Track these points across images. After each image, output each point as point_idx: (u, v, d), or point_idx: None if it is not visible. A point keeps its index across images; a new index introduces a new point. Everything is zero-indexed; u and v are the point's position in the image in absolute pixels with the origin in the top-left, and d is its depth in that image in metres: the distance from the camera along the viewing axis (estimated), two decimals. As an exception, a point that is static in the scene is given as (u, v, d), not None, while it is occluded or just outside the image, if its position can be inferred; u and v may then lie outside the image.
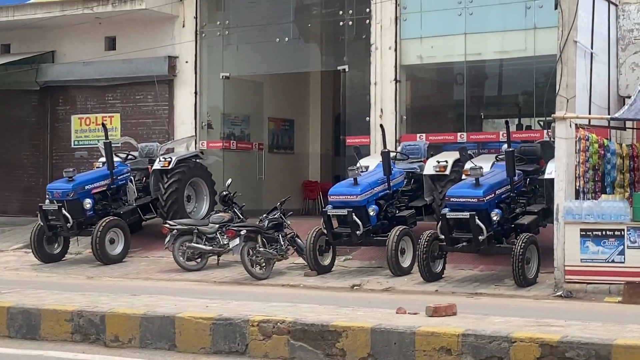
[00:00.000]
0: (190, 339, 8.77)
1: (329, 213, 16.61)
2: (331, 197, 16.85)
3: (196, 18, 22.02)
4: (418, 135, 19.41)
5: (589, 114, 14.91)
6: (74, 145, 23.55)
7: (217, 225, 17.62)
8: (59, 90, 23.96)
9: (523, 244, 14.62)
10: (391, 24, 19.70)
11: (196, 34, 22.05)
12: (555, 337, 7.42)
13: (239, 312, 8.89)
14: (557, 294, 14.07)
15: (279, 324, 8.39)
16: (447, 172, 17.12)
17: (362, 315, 8.82)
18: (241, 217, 17.95)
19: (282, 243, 17.07)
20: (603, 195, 14.56)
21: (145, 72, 22.40)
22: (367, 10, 20.03)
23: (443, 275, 15.73)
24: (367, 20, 20.07)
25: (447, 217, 15.14)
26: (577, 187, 14.35)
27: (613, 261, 13.84)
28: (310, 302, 11.69)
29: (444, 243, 15.45)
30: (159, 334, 8.94)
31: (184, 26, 22.07)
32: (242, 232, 16.69)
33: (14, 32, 23.79)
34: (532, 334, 7.56)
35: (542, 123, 18.30)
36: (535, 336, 7.49)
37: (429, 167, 17.46)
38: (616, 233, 13.81)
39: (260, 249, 16.59)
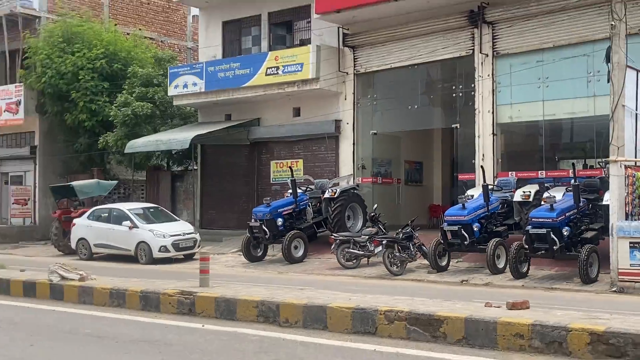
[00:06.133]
0: (336, 322, 8.57)
1: (445, 229, 16.22)
2: (446, 217, 16.46)
3: (354, 93, 21.89)
4: (510, 172, 18.68)
5: (635, 157, 14.01)
6: (272, 181, 23.83)
7: (367, 237, 17.36)
8: (262, 144, 24.21)
9: (587, 252, 13.87)
10: (489, 95, 19.11)
11: (354, 104, 21.91)
12: (602, 328, 6.86)
13: (372, 303, 8.62)
14: (613, 289, 13.20)
15: (398, 313, 8.10)
16: (531, 199, 16.47)
17: (460, 307, 8.39)
18: (384, 231, 17.59)
19: (412, 249, 16.67)
20: (647, 217, 13.62)
21: (319, 131, 22.38)
22: (472, 85, 19.48)
23: (528, 274, 14.98)
24: (473, 92, 19.50)
25: (530, 232, 14.52)
26: (626, 211, 13.48)
27: (655, 266, 12.89)
28: (430, 294, 11.34)
29: (528, 251, 14.76)
30: (316, 318, 8.79)
31: (345, 99, 21.98)
32: (384, 242, 16.50)
33: (233, 106, 24.31)
34: (584, 325, 7.01)
35: (601, 164, 17.27)
36: (586, 327, 6.95)
37: (517, 196, 16.83)
38: (657, 245, 12.85)
39: (397, 253, 16.29)
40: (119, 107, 25.81)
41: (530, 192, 16.59)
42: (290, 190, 19.97)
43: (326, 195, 19.83)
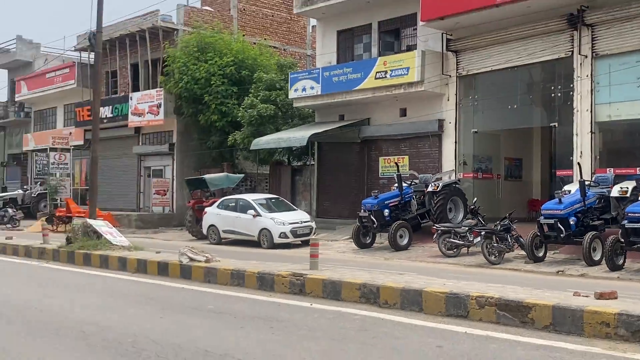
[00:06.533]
0: (431, 305, 8.48)
1: (541, 222, 15.65)
2: (543, 211, 15.92)
3: (456, 95, 21.49)
4: (607, 169, 17.76)
5: None
6: (380, 176, 23.72)
7: (467, 228, 17.06)
8: (372, 142, 24.13)
9: (684, 246, 13.02)
10: (588, 94, 18.26)
11: (456, 104, 21.50)
12: (690, 319, 6.43)
13: (464, 289, 8.47)
14: None
15: (489, 299, 7.92)
16: (628, 195, 15.59)
17: (548, 295, 8.08)
18: (483, 222, 17.19)
19: (510, 240, 16.20)
20: None
21: (424, 129, 22.11)
22: (571, 85, 18.67)
23: (624, 267, 14.22)
24: (571, 92, 18.69)
25: (626, 226, 13.80)
26: None
27: None
28: (525, 282, 10.98)
29: (624, 244, 14.00)
30: (412, 301, 8.73)
31: (448, 100, 21.60)
32: (482, 233, 16.16)
33: (346, 107, 24.41)
34: (672, 316, 6.60)
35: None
36: (673, 318, 6.54)
37: (615, 191, 15.96)
38: None
39: (494, 244, 15.91)
40: (246, 109, 26.48)
41: (627, 188, 15.73)
42: (396, 184, 19.87)
43: (429, 189, 19.60)
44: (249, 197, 22.68)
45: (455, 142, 21.48)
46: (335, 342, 7.30)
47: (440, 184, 19.46)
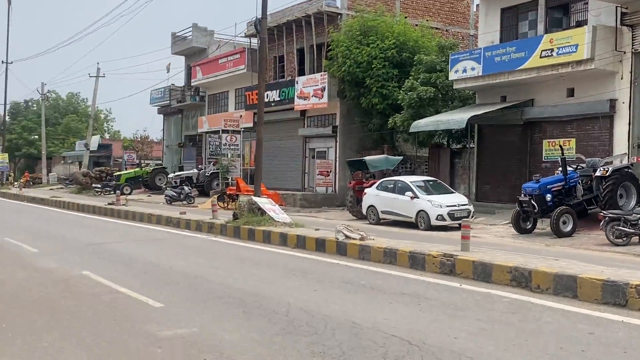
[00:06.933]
0: (586, 292, 8.17)
1: None
2: None
3: (631, 72, 20.02)
4: None
5: None
6: (544, 159, 22.75)
7: (639, 215, 15.96)
8: (535, 124, 23.18)
9: None
10: None
11: (631, 83, 20.02)
12: None
13: (624, 277, 8.05)
14: None
15: (651, 288, 7.46)
16: None
17: None
18: (658, 210, 16.06)
19: (689, 230, 14.99)
20: None
21: (593, 110, 20.86)
22: None
23: None
24: None
25: None
26: None
27: None
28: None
29: None
30: (566, 287, 8.45)
31: (622, 78, 20.20)
32: (656, 221, 15.04)
33: (508, 88, 23.61)
34: None
35: None
36: None
37: None
38: None
39: (670, 233, 14.78)
40: (406, 92, 26.47)
41: None
42: (560, 168, 19.00)
43: (597, 173, 18.49)
44: (407, 179, 22.73)
45: (629, 123, 20.05)
46: (481, 322, 7.27)
47: (610, 169, 18.32)
